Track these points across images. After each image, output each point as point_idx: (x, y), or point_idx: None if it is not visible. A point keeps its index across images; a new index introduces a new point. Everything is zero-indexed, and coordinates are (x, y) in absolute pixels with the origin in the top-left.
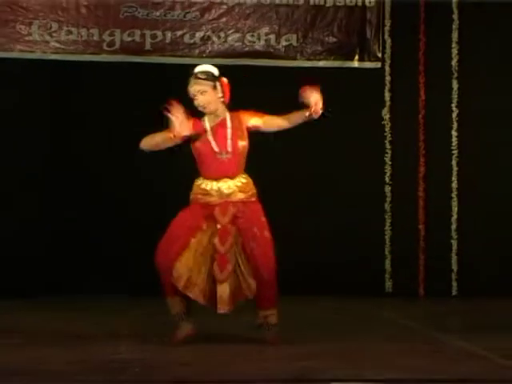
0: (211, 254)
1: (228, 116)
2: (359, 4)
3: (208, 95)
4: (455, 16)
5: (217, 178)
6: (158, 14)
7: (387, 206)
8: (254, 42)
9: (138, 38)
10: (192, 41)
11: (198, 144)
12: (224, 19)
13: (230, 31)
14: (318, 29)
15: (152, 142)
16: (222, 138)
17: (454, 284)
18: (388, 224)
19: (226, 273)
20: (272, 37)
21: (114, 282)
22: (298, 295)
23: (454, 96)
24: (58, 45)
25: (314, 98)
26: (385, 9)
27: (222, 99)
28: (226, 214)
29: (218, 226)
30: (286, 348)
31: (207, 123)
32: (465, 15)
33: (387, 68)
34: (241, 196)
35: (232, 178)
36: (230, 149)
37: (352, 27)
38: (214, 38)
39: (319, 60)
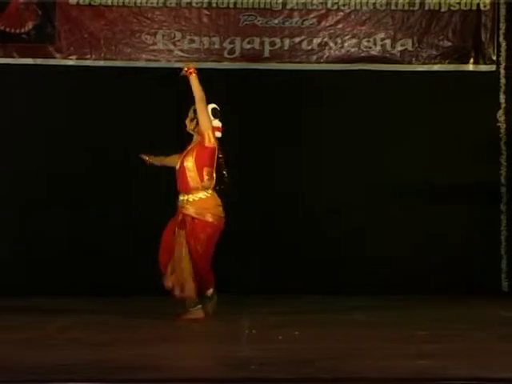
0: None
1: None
2: (474, 8)
3: None
4: None
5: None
6: (276, 21)
7: (503, 207)
8: (370, 48)
9: (257, 46)
10: (309, 47)
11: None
12: (341, 25)
13: (347, 37)
14: (433, 33)
15: None
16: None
17: None
18: (504, 224)
19: None
20: (388, 42)
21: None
22: (417, 294)
23: None
24: (181, 53)
25: None
26: (500, 12)
27: None
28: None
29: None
30: (403, 346)
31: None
32: None
33: (502, 70)
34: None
35: (187, 193)
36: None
37: (467, 31)
38: (331, 44)
39: (434, 64)
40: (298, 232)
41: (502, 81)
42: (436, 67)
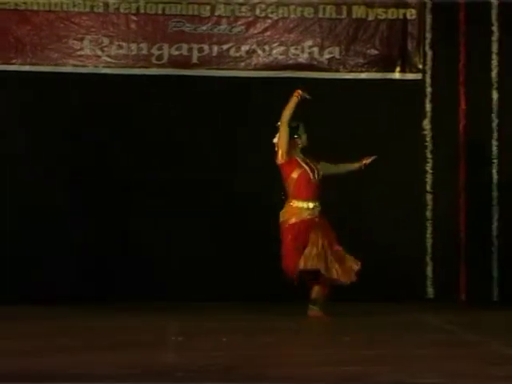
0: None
1: None
2: (401, 17)
3: None
4: (495, 28)
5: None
6: (204, 28)
7: (428, 214)
8: (298, 55)
9: (185, 52)
10: (238, 54)
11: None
12: (269, 33)
13: (275, 44)
14: (361, 41)
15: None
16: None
17: (495, 290)
18: (429, 231)
19: None
20: (315, 49)
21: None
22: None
23: (494, 106)
24: (108, 59)
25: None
26: (426, 22)
27: None
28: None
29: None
30: (331, 353)
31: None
32: (504, 27)
33: (428, 79)
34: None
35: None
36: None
37: (393, 40)
38: (259, 51)
39: (361, 72)
40: None
41: (428, 89)
42: (363, 75)
